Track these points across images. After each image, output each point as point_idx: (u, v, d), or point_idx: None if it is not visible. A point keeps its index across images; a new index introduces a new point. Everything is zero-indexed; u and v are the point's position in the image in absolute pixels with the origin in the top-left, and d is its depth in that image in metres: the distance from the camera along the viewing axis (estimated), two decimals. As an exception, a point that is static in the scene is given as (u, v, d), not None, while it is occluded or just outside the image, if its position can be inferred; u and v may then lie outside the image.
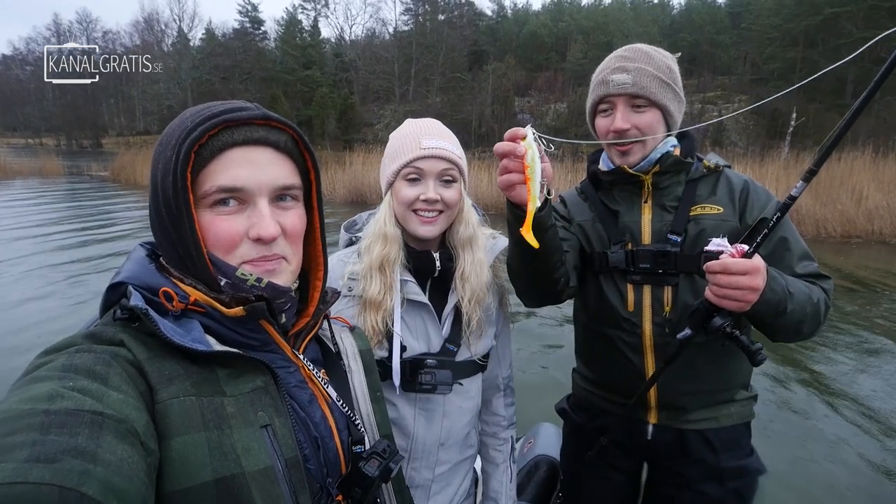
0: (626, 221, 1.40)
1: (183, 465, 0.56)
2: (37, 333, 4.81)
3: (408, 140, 1.25)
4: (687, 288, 1.33)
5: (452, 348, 1.28)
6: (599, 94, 1.35)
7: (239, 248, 0.68)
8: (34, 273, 6.97)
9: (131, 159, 21.30)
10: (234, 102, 0.70)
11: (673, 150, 1.37)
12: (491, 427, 1.47)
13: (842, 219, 9.75)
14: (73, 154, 34.16)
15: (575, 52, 47.18)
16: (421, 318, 1.28)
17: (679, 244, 1.32)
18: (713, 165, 1.38)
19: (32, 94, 67.36)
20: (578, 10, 59.00)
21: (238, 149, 0.67)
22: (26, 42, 72.35)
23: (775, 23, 39.53)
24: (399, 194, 1.25)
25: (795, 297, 1.17)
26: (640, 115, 1.31)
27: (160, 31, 61.75)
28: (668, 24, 53.62)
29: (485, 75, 42.46)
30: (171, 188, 0.64)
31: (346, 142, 40.53)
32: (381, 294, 1.22)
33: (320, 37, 59.61)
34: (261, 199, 0.69)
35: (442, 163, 1.23)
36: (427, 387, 1.23)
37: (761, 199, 1.34)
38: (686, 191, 1.36)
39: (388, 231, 1.24)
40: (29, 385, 0.52)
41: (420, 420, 1.28)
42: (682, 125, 1.40)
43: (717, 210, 1.33)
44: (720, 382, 1.37)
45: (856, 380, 4.22)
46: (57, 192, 17.16)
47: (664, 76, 1.30)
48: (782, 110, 30.98)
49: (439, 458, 1.31)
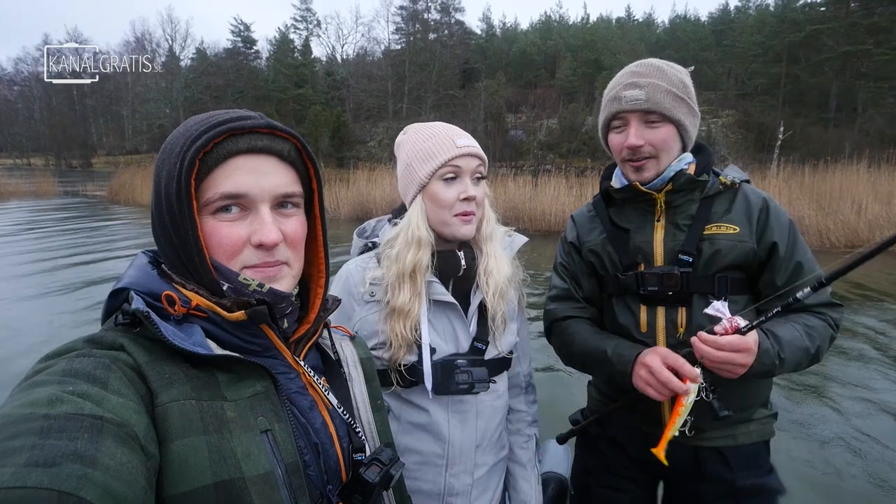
0: (637, 242, 1.38)
1: (183, 468, 0.56)
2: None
3: (441, 140, 1.24)
4: (701, 309, 1.28)
5: (481, 346, 1.26)
6: (612, 111, 1.33)
7: (241, 254, 0.69)
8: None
9: (130, 178, 21.09)
10: (238, 111, 0.71)
11: (688, 168, 1.33)
12: (515, 424, 1.44)
13: (845, 229, 9.96)
14: (62, 174, 33.79)
15: (564, 70, 48.04)
16: (448, 319, 1.26)
17: (691, 264, 1.30)
18: (729, 182, 1.34)
19: (21, 113, 66.84)
20: (566, 28, 60.20)
21: (242, 157, 0.68)
22: (15, 63, 72.03)
23: (758, 39, 40.69)
24: (437, 196, 1.23)
25: (787, 361, 1.19)
26: (654, 130, 1.29)
27: (152, 52, 61.84)
28: (654, 42, 54.85)
29: (476, 92, 42.98)
30: (174, 195, 0.65)
31: (339, 159, 40.68)
32: (410, 302, 1.20)
33: (311, 56, 60.05)
34: (263, 205, 0.70)
35: (475, 160, 1.24)
36: (464, 386, 1.21)
37: (781, 220, 1.31)
38: (701, 209, 1.33)
39: (422, 236, 1.22)
40: (29, 390, 0.52)
41: (455, 423, 1.25)
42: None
43: (733, 230, 1.30)
44: (738, 401, 1.31)
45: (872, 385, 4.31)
46: (67, 214, 16.91)
47: (678, 91, 1.29)
48: (769, 124, 31.76)
49: (477, 461, 1.29)
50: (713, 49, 48.11)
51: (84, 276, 7.85)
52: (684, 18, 60.38)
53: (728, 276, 1.30)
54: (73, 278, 7.73)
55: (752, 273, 1.32)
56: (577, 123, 36.13)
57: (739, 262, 1.29)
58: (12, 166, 51.84)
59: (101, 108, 66.16)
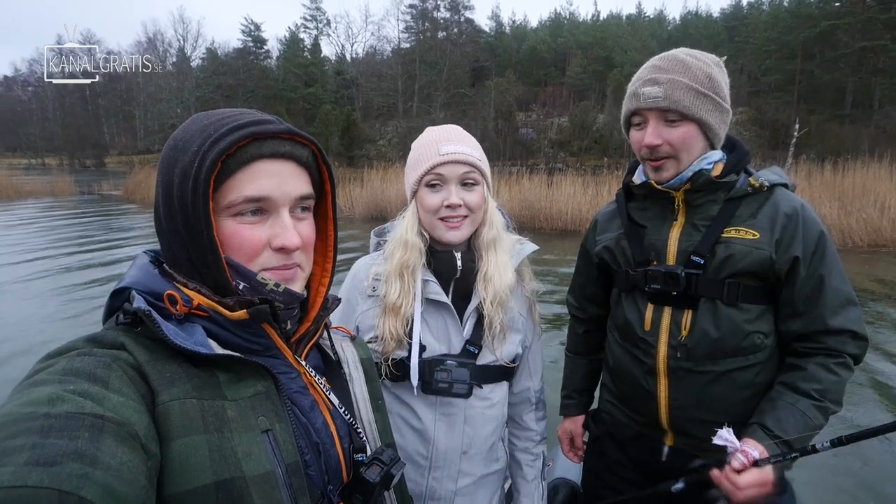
0: (651, 239, 1.35)
1: (183, 467, 0.56)
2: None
3: (427, 148, 1.27)
4: (707, 314, 1.25)
5: (473, 350, 1.26)
6: (630, 108, 1.30)
7: (260, 257, 0.70)
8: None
9: (145, 178, 21.32)
10: (256, 114, 0.71)
11: (712, 167, 1.27)
12: (522, 442, 1.44)
13: (868, 228, 9.81)
14: (76, 173, 34.20)
15: (574, 67, 47.83)
16: (442, 319, 1.27)
17: (702, 266, 1.25)
18: (758, 184, 1.25)
19: (34, 114, 67.63)
20: (576, 25, 59.88)
21: (266, 161, 0.69)
22: (29, 63, 72.90)
23: (772, 35, 40.17)
24: (423, 202, 1.26)
25: (798, 444, 1.15)
26: (673, 129, 1.24)
27: (164, 52, 62.35)
28: (666, 39, 54.38)
29: (487, 90, 42.89)
30: (190, 194, 0.64)
31: (349, 158, 40.77)
32: (399, 299, 1.23)
33: (321, 55, 60.23)
34: (283, 209, 0.70)
35: (462, 167, 1.23)
36: (443, 385, 1.22)
37: (810, 232, 1.22)
38: (723, 210, 1.27)
39: (408, 238, 1.26)
40: (30, 389, 0.52)
41: (440, 425, 1.26)
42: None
43: (753, 236, 1.22)
44: (743, 415, 1.25)
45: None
46: (90, 213, 17.12)
47: (701, 86, 1.21)
48: (784, 121, 31.37)
49: (462, 468, 1.28)
50: (725, 46, 47.59)
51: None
52: (696, 15, 59.84)
53: (741, 282, 1.23)
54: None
55: (771, 283, 1.25)
56: (588, 121, 35.95)
57: (754, 270, 1.22)
58: (27, 166, 52.54)
59: (113, 108, 66.74)
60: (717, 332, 1.24)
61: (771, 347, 1.27)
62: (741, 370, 1.26)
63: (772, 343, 1.27)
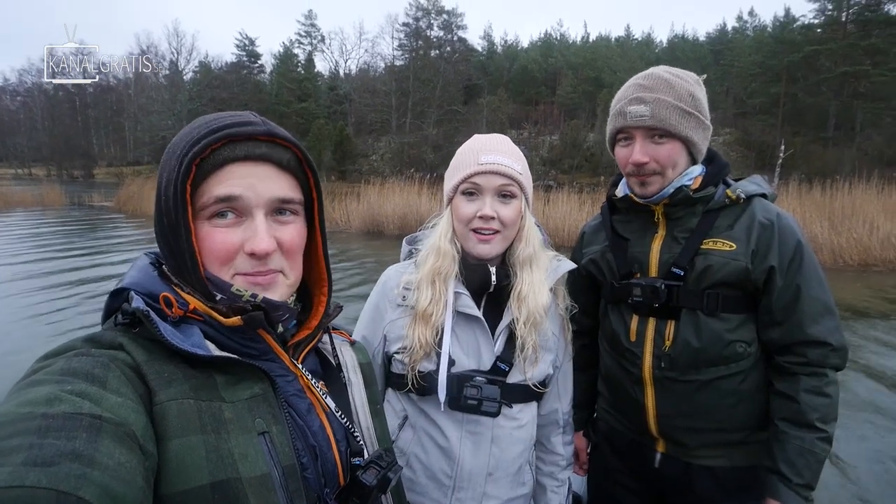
0: (634, 251, 1.38)
1: (180, 467, 0.56)
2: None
3: (467, 155, 1.24)
4: (689, 324, 1.28)
5: (504, 367, 1.21)
6: (617, 126, 1.32)
7: (234, 261, 0.69)
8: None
9: (138, 189, 21.11)
10: (241, 115, 0.71)
11: (692, 182, 1.30)
12: (548, 466, 1.38)
13: (858, 247, 10.04)
14: (64, 184, 33.79)
15: (565, 87, 48.63)
16: (473, 333, 1.24)
17: (682, 278, 1.28)
18: (735, 196, 1.28)
19: (23, 124, 66.99)
20: (567, 46, 61.00)
21: (239, 164, 0.68)
22: (19, 73, 72.47)
23: (756, 59, 41.26)
24: (458, 210, 1.24)
25: (814, 482, 1.19)
26: (660, 147, 1.27)
27: (157, 64, 62.29)
28: (654, 60, 55.51)
29: (479, 108, 43.39)
30: (171, 198, 0.65)
31: (341, 172, 40.86)
32: (430, 306, 1.20)
33: (315, 70, 60.59)
34: (258, 211, 0.69)
35: (499, 178, 1.20)
36: (472, 402, 1.18)
37: (786, 242, 1.24)
38: (702, 222, 1.30)
39: (441, 245, 1.24)
40: (27, 389, 0.52)
41: (466, 444, 1.21)
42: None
43: (730, 247, 1.26)
44: (729, 422, 1.30)
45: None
46: (80, 223, 16.89)
47: (685, 105, 1.25)
48: (769, 142, 32.10)
49: (487, 490, 1.22)
50: (712, 68, 48.80)
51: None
52: (683, 38, 61.30)
53: (720, 292, 1.27)
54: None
55: (750, 292, 1.28)
56: (578, 140, 36.48)
57: (732, 280, 1.25)
58: (14, 176, 51.83)
59: (103, 119, 66.33)
60: (699, 342, 1.27)
61: (755, 355, 1.29)
62: (725, 378, 1.28)
63: (755, 351, 1.29)
